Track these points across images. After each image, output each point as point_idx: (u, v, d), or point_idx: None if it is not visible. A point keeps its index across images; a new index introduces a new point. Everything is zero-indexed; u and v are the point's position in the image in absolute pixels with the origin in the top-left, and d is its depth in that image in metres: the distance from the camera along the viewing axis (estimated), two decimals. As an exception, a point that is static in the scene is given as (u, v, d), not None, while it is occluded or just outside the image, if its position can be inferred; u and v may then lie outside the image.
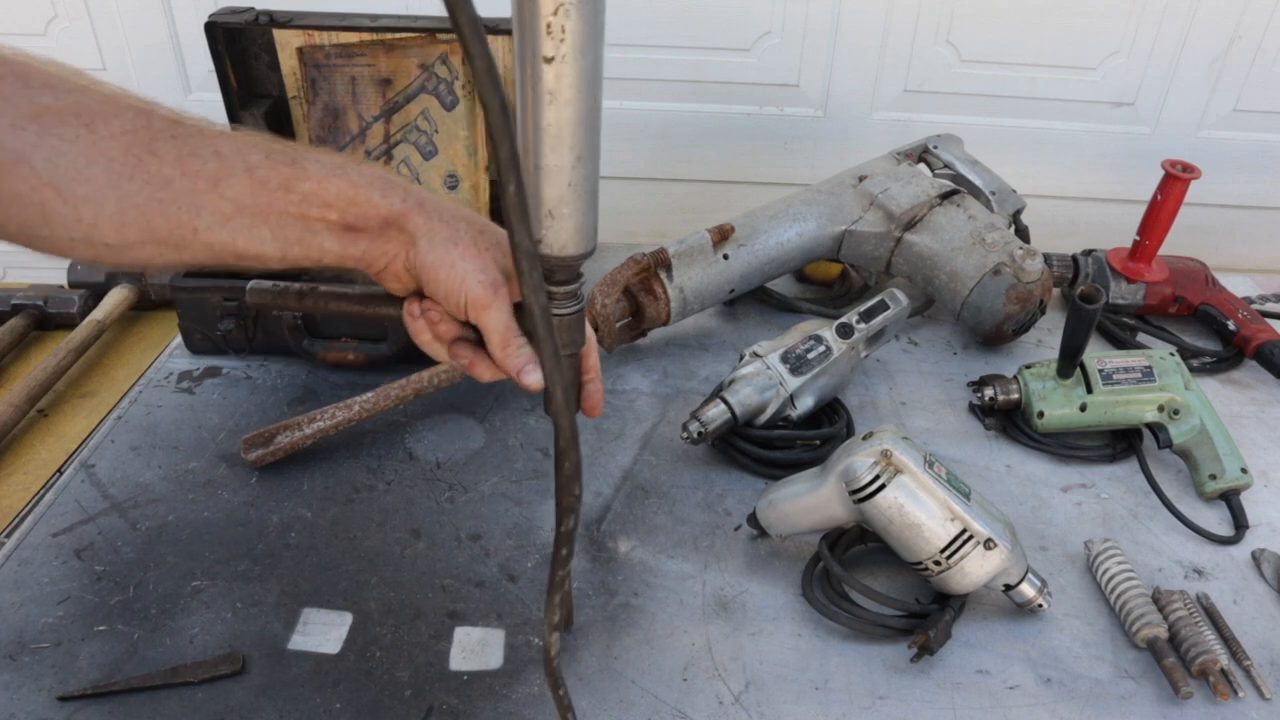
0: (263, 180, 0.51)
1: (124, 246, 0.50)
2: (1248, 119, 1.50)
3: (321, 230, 0.52)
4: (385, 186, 0.53)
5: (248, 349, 1.10)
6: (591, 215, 0.50)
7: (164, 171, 0.49)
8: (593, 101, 0.46)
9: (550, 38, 0.43)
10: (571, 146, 0.46)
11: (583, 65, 0.44)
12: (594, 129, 0.47)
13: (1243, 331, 1.16)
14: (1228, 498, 0.92)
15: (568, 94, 0.44)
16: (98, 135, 0.48)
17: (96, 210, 0.48)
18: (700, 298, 1.12)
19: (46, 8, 1.39)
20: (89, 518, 0.88)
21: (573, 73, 0.44)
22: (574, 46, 0.43)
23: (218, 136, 0.51)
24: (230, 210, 0.50)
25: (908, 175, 1.20)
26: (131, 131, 0.49)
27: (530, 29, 0.43)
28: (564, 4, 0.42)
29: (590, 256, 0.52)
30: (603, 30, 0.44)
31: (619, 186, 1.56)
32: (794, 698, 0.73)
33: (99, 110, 0.48)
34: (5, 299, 1.27)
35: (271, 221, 0.51)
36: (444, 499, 0.91)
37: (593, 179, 0.49)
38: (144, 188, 0.49)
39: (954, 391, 1.10)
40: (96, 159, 0.48)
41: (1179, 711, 0.72)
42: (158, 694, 0.71)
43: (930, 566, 0.76)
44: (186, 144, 0.50)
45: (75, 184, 0.48)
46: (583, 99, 0.45)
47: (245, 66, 1.15)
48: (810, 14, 1.42)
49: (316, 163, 0.52)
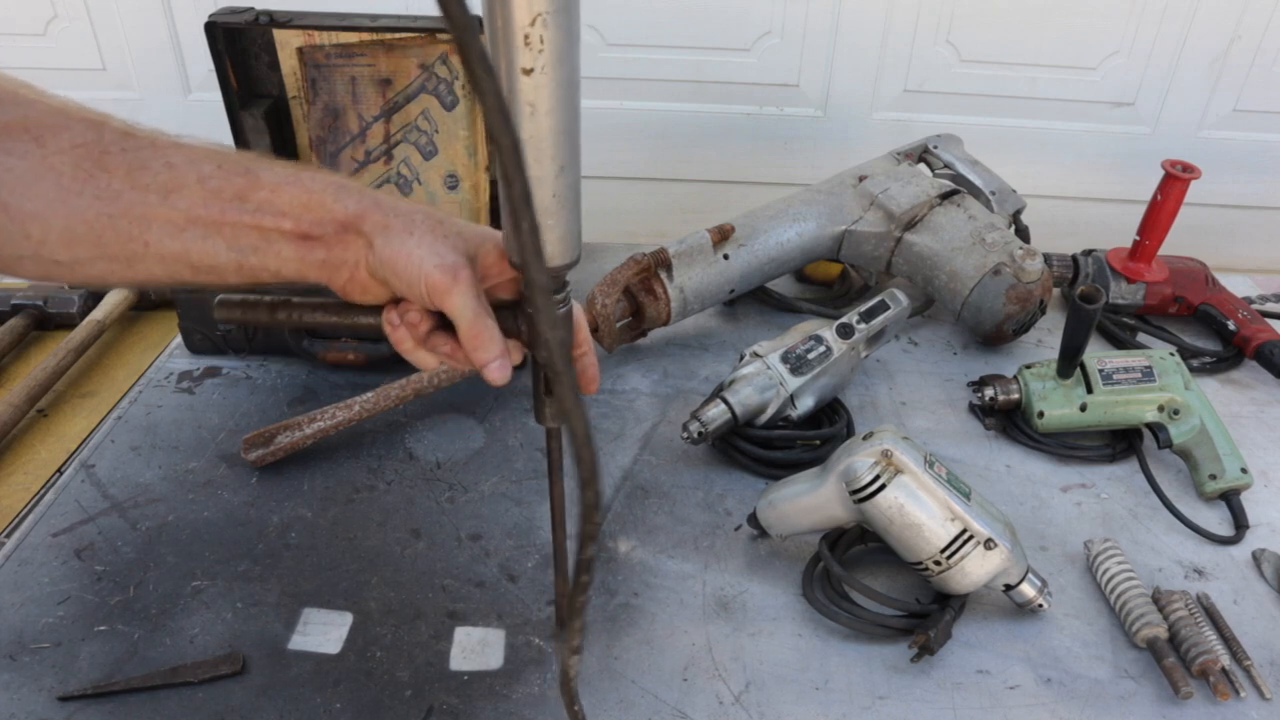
0: (215, 190, 0.50)
1: (75, 263, 0.49)
2: (1248, 119, 1.50)
3: (278, 239, 0.51)
4: (339, 191, 0.52)
5: (248, 349, 1.11)
6: (575, 224, 0.49)
7: (113, 185, 0.48)
8: (572, 110, 0.45)
9: (528, 49, 0.41)
10: (554, 157, 0.45)
11: (561, 74, 0.43)
12: (575, 137, 0.46)
13: (1243, 331, 1.16)
14: (1228, 498, 0.92)
15: (548, 104, 0.43)
16: (47, 150, 0.47)
17: (45, 227, 0.47)
18: (700, 298, 1.12)
19: (46, 8, 1.39)
20: (89, 518, 0.88)
21: (552, 83, 0.43)
22: (552, 57, 0.42)
23: (170, 147, 0.50)
24: (182, 221, 0.49)
25: (908, 175, 1.20)
26: (81, 145, 0.48)
27: (507, 41, 0.41)
28: (541, 14, 0.40)
29: (576, 265, 0.51)
30: (578, 36, 0.43)
31: (619, 186, 1.57)
32: (794, 698, 0.73)
33: (49, 124, 0.47)
34: (5, 299, 1.27)
35: (226, 232, 0.50)
36: (444, 499, 0.91)
37: (575, 188, 0.48)
38: (93, 202, 0.48)
39: (954, 391, 1.10)
40: (45, 174, 0.47)
41: (1179, 711, 0.72)
42: (158, 694, 0.71)
43: (930, 566, 0.76)
44: (137, 156, 0.49)
45: (23, 200, 0.46)
46: (563, 108, 0.44)
47: (245, 66, 1.14)
48: (810, 14, 1.42)
49: (270, 171, 0.51)
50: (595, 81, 1.47)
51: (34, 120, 0.47)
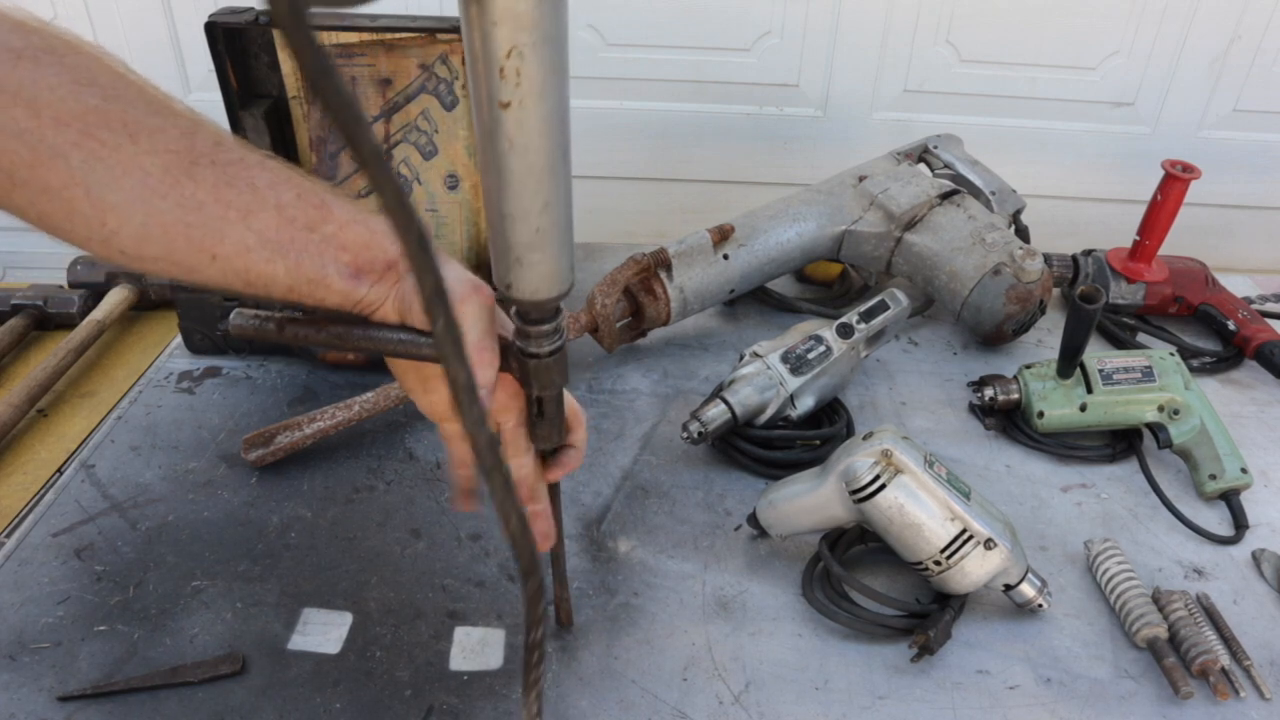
0: (290, 218, 0.51)
1: (139, 258, 0.50)
2: (1248, 119, 1.50)
3: (334, 271, 0.52)
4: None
5: (248, 349, 1.11)
6: (564, 258, 0.48)
7: (198, 196, 0.49)
8: (558, 146, 0.43)
9: (505, 82, 0.39)
10: (536, 193, 0.44)
11: (543, 109, 0.41)
12: (560, 173, 0.44)
13: (1243, 331, 1.16)
14: (1228, 498, 0.92)
15: (528, 140, 0.41)
16: (139, 148, 0.47)
17: (122, 220, 0.48)
18: (700, 298, 1.12)
19: (46, 8, 1.39)
20: (89, 518, 0.88)
21: (533, 118, 0.41)
22: (532, 91, 0.40)
23: (256, 166, 0.51)
24: (254, 243, 0.51)
25: (908, 175, 1.20)
26: (174, 151, 0.48)
27: (485, 73, 0.39)
28: (517, 46, 0.38)
29: (566, 296, 0.50)
30: (566, 70, 0.41)
31: (619, 186, 1.57)
32: (794, 698, 0.73)
33: (144, 123, 0.48)
34: (5, 299, 1.27)
35: (290, 257, 0.51)
36: (444, 499, 0.91)
37: (562, 222, 0.46)
38: (175, 209, 0.49)
39: (954, 391, 1.10)
40: (133, 171, 0.47)
41: (1179, 711, 0.72)
42: (158, 694, 0.71)
43: (930, 566, 0.76)
44: (225, 172, 0.50)
45: (107, 191, 0.47)
46: (546, 144, 0.42)
47: (245, 66, 1.14)
48: (810, 14, 1.42)
49: (341, 207, 0.53)
50: (595, 81, 1.47)
51: (131, 116, 0.48)
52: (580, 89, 1.49)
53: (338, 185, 1.13)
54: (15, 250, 1.62)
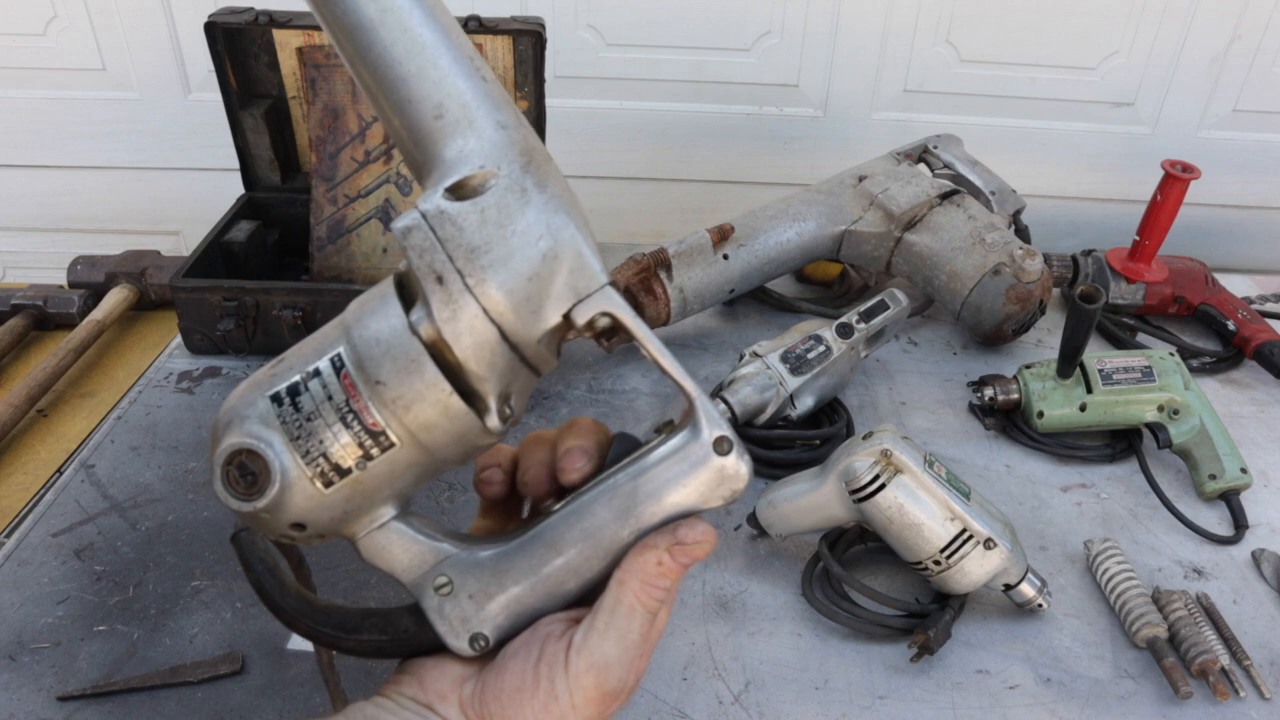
0: None
1: None
2: (1247, 119, 1.50)
3: None
4: None
5: (248, 349, 1.10)
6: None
7: None
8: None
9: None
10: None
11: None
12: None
13: (1243, 331, 1.16)
14: (1228, 498, 0.92)
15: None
16: None
17: None
18: (700, 298, 1.12)
19: (46, 8, 1.39)
20: (89, 518, 0.88)
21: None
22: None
23: None
24: None
25: (908, 175, 1.20)
26: None
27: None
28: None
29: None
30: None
31: (619, 186, 1.57)
32: (794, 697, 0.73)
33: None
34: (5, 299, 1.27)
35: None
36: (444, 498, 0.91)
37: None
38: None
39: (954, 391, 1.10)
40: None
41: (1179, 711, 0.72)
42: (158, 694, 0.71)
43: (930, 566, 0.76)
44: None
45: None
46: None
47: (245, 66, 1.15)
48: (810, 14, 1.42)
49: None
50: (595, 81, 1.47)
51: None
52: (580, 89, 1.50)
53: (338, 185, 1.13)
54: (15, 250, 1.62)
